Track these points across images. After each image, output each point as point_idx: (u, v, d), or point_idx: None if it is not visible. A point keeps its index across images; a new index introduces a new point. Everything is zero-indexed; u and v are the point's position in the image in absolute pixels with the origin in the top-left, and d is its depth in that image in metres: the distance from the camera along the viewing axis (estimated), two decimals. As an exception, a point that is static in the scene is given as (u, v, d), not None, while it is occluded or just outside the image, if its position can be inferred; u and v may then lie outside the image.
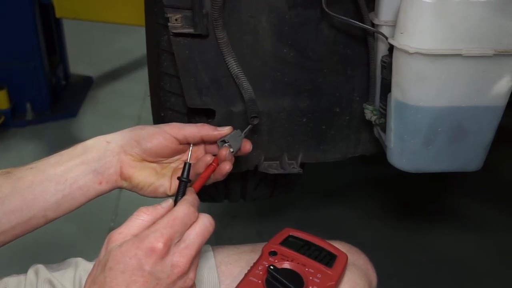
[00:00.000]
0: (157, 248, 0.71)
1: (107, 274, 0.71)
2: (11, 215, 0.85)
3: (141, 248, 0.71)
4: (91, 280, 0.73)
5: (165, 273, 0.72)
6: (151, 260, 0.71)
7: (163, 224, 0.73)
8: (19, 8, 2.58)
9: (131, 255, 0.71)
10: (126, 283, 0.70)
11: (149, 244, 0.71)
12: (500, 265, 1.89)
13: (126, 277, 0.70)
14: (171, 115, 1.24)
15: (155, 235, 0.72)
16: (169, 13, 1.03)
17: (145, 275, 0.70)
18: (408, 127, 1.01)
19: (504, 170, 2.31)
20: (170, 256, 0.72)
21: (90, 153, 0.90)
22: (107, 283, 0.70)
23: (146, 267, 0.70)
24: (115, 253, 0.71)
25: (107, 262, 0.71)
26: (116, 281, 0.70)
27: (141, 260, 0.70)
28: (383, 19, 1.02)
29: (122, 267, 0.70)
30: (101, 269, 0.72)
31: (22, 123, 2.76)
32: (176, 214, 0.75)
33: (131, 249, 0.71)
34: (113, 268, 0.70)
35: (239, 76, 1.06)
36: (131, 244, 0.71)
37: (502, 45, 0.93)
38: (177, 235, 0.73)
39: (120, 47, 3.56)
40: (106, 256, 0.72)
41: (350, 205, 2.18)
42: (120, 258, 0.71)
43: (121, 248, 0.71)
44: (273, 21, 1.07)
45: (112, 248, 0.72)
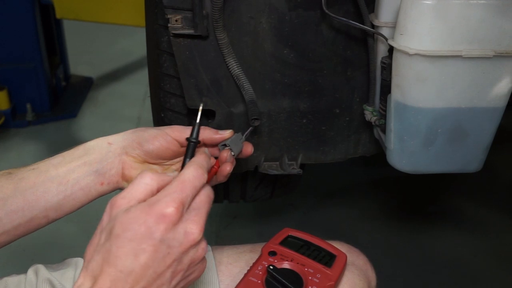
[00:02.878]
0: (168, 214, 0.66)
1: (113, 242, 0.66)
2: (13, 215, 0.86)
3: (151, 214, 0.66)
4: (93, 249, 0.68)
5: (177, 241, 0.67)
6: (162, 226, 0.66)
7: (173, 188, 0.69)
8: (19, 8, 2.58)
9: (140, 222, 0.66)
10: (134, 252, 0.65)
11: (160, 209, 0.66)
12: (500, 266, 1.89)
13: (135, 245, 0.65)
14: (171, 116, 1.24)
15: (166, 200, 0.67)
16: (170, 14, 1.03)
17: (155, 244, 0.66)
18: (408, 128, 1.02)
19: (504, 171, 2.31)
20: (183, 223, 0.68)
21: (92, 154, 0.90)
22: (112, 252, 0.66)
23: (156, 235, 0.66)
24: (121, 219, 0.67)
25: (113, 229, 0.66)
26: (123, 250, 0.65)
27: (151, 227, 0.66)
28: (383, 20, 1.03)
29: (130, 234, 0.65)
30: (105, 236, 0.67)
31: (22, 123, 2.76)
32: (185, 176, 0.71)
33: (140, 215, 0.66)
34: (120, 236, 0.66)
35: (239, 77, 1.06)
36: (140, 209, 0.67)
37: (502, 46, 0.93)
38: (188, 200, 0.69)
39: (120, 48, 3.56)
40: (111, 223, 0.67)
41: (349, 206, 2.18)
42: (128, 225, 0.66)
43: (129, 214, 0.67)
44: (273, 22, 1.07)
45: (118, 213, 0.67)
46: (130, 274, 0.66)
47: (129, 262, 0.65)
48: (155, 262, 0.67)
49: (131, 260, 0.65)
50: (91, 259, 0.67)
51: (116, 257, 0.65)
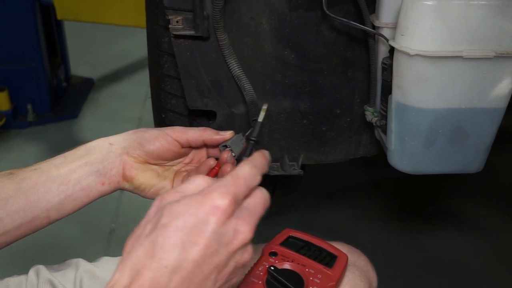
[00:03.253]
0: (222, 206, 0.62)
1: (160, 232, 0.60)
2: (14, 216, 0.86)
3: (204, 204, 0.61)
4: (135, 240, 0.62)
5: (227, 238, 0.62)
6: (214, 218, 0.61)
7: (227, 182, 0.64)
8: (20, 9, 2.59)
9: (192, 212, 0.61)
10: (182, 244, 0.60)
11: (213, 200, 0.62)
12: (500, 267, 1.89)
13: (184, 236, 0.60)
14: (172, 117, 1.24)
15: (219, 191, 0.62)
16: (170, 15, 1.04)
17: (206, 237, 0.60)
18: (408, 128, 1.02)
19: (504, 172, 2.31)
20: (234, 219, 0.63)
21: (93, 155, 0.91)
22: (158, 243, 0.60)
23: (208, 227, 0.61)
24: (171, 207, 0.62)
25: (161, 219, 0.61)
26: (170, 241, 0.60)
27: (203, 217, 0.61)
28: (384, 21, 1.03)
29: (180, 223, 0.60)
30: (151, 227, 0.61)
31: (23, 124, 2.76)
32: (239, 172, 0.66)
33: (191, 205, 0.61)
34: (168, 225, 0.60)
35: (240, 78, 1.07)
36: (192, 199, 0.62)
37: (502, 47, 0.93)
38: (241, 196, 0.64)
39: (121, 49, 3.56)
40: (158, 213, 0.62)
41: (350, 207, 2.18)
42: (178, 214, 0.61)
43: (180, 203, 0.62)
44: (273, 23, 1.07)
45: (167, 204, 0.63)
46: (175, 271, 0.60)
47: (176, 255, 0.60)
48: (204, 259, 0.61)
49: (178, 253, 0.60)
50: (131, 251, 0.61)
51: (162, 248, 0.60)
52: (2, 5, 2.56)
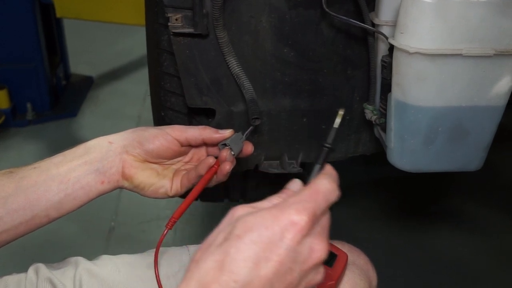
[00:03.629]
0: (300, 222, 0.58)
1: (233, 243, 0.57)
2: (14, 214, 0.86)
3: (280, 219, 0.58)
4: (205, 249, 0.59)
5: (302, 256, 0.59)
6: (291, 235, 0.58)
7: (305, 196, 0.62)
8: (19, 8, 2.58)
9: (268, 225, 0.58)
10: (256, 258, 0.57)
11: (291, 215, 0.59)
12: (500, 266, 1.89)
13: (258, 250, 0.57)
14: (172, 115, 1.24)
15: (297, 207, 0.59)
16: (170, 13, 1.03)
17: (280, 253, 0.57)
18: (408, 127, 1.02)
19: (504, 170, 2.31)
20: (311, 237, 0.60)
21: (92, 153, 0.91)
22: (230, 255, 0.57)
23: (284, 243, 0.57)
24: (246, 219, 0.59)
25: (234, 229, 0.58)
26: (244, 254, 0.57)
27: (279, 233, 0.58)
28: (384, 19, 1.02)
29: (254, 237, 0.57)
30: (223, 237, 0.59)
31: (22, 122, 2.76)
32: (319, 186, 0.63)
33: (267, 218, 0.59)
34: (242, 237, 0.58)
35: (240, 76, 1.06)
36: (268, 212, 0.59)
37: (502, 45, 0.93)
38: (319, 212, 0.61)
39: (121, 47, 3.56)
40: (232, 225, 0.59)
41: (350, 205, 2.18)
42: (253, 226, 0.58)
43: (255, 215, 0.59)
44: (273, 21, 1.07)
45: (242, 215, 0.60)
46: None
47: (248, 270, 0.56)
48: (276, 277, 0.58)
49: (250, 269, 0.56)
50: (200, 261, 0.59)
51: (234, 261, 0.57)
52: (1, 4, 2.56)
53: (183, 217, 0.92)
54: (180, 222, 2.06)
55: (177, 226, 2.05)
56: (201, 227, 2.08)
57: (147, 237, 2.05)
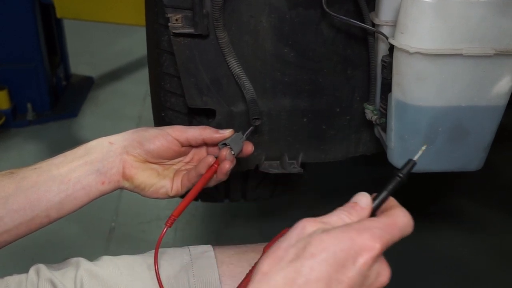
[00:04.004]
0: (373, 250, 0.59)
1: (306, 262, 0.57)
2: (14, 215, 0.86)
3: (356, 242, 0.59)
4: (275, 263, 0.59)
5: (369, 281, 0.60)
6: (363, 259, 0.59)
7: (382, 225, 0.62)
8: (20, 8, 2.58)
9: (343, 247, 0.58)
10: (328, 279, 0.57)
11: (366, 241, 0.59)
12: (500, 266, 1.89)
13: (331, 271, 0.57)
14: (172, 115, 1.24)
15: (373, 233, 0.60)
16: (170, 13, 1.03)
17: (351, 277, 0.58)
18: (408, 126, 1.02)
19: (505, 170, 2.31)
20: (379, 262, 0.61)
21: (93, 154, 0.91)
22: (303, 274, 0.57)
23: (355, 267, 0.58)
24: (322, 237, 0.59)
25: (308, 246, 0.58)
26: (316, 275, 0.57)
27: (353, 257, 0.58)
28: (384, 19, 1.02)
29: (329, 258, 0.57)
30: (295, 253, 0.58)
31: (22, 123, 2.76)
32: (398, 220, 0.65)
33: (343, 239, 0.59)
34: (316, 256, 0.58)
35: (240, 76, 1.06)
36: (343, 233, 0.59)
37: (502, 45, 0.93)
38: (391, 243, 0.62)
39: (121, 47, 3.56)
40: (305, 240, 0.59)
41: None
42: (328, 246, 0.58)
43: (330, 234, 0.59)
44: (273, 21, 1.07)
45: (315, 232, 0.60)
46: None
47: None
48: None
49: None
50: (269, 274, 0.58)
51: (307, 281, 0.57)
52: (2, 4, 2.56)
53: (183, 217, 0.92)
54: (181, 222, 2.07)
55: (178, 226, 2.06)
56: (202, 227, 2.08)
57: (147, 237, 2.05)
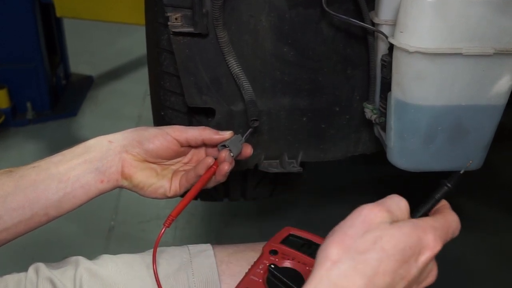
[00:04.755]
0: (434, 250, 0.63)
1: (376, 255, 0.60)
2: (13, 213, 0.86)
3: (421, 241, 0.63)
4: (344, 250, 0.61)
5: (422, 277, 0.65)
6: (424, 258, 0.63)
7: (441, 226, 0.66)
8: (19, 7, 2.59)
9: (411, 245, 0.62)
10: (394, 274, 0.60)
11: (431, 240, 0.63)
12: (500, 265, 1.89)
13: (397, 267, 0.61)
14: (171, 114, 1.24)
15: (436, 234, 0.64)
16: (169, 12, 1.03)
17: (412, 274, 0.62)
18: (408, 126, 1.02)
19: (504, 169, 2.31)
20: (432, 262, 0.65)
21: (92, 152, 0.91)
22: (372, 266, 0.60)
23: (417, 265, 0.62)
24: (392, 233, 0.62)
25: (379, 240, 0.61)
26: (385, 268, 0.60)
27: (417, 255, 0.62)
28: (383, 18, 1.02)
29: (398, 254, 0.61)
30: (364, 245, 0.62)
31: (22, 122, 2.76)
32: (451, 221, 0.68)
33: (412, 237, 0.62)
34: (386, 251, 0.61)
35: (239, 76, 1.07)
36: (411, 230, 0.63)
37: (502, 44, 0.93)
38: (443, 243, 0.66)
39: (121, 46, 3.56)
40: (374, 233, 0.62)
41: (350, 204, 2.15)
42: (399, 243, 0.61)
43: (401, 230, 0.62)
44: (273, 20, 1.07)
45: (383, 223, 0.63)
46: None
47: (385, 285, 0.60)
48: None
49: (387, 283, 0.60)
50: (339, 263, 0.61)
51: (375, 273, 0.60)
52: (1, 4, 2.56)
53: (183, 216, 0.92)
54: (181, 221, 2.08)
55: (178, 225, 2.06)
56: (201, 226, 2.08)
57: (147, 236, 2.05)
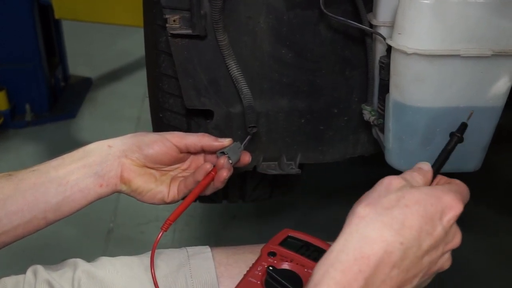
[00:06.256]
0: (457, 208, 0.66)
1: (401, 210, 0.64)
2: (12, 216, 0.86)
3: (442, 200, 0.66)
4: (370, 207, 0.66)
5: (448, 238, 0.67)
6: (448, 217, 0.66)
7: (454, 188, 0.70)
8: (18, 9, 2.58)
9: (433, 202, 0.65)
10: (419, 229, 0.63)
11: (451, 200, 0.66)
12: (500, 265, 1.89)
13: (422, 223, 0.64)
14: (170, 116, 1.24)
15: (455, 194, 0.67)
16: (167, 14, 1.03)
17: (438, 231, 0.65)
18: (406, 127, 1.02)
19: (503, 170, 2.31)
20: (455, 225, 0.68)
21: (91, 157, 0.91)
22: (398, 220, 0.63)
23: (442, 222, 0.65)
24: (413, 192, 0.66)
25: (401, 199, 0.65)
26: (410, 222, 0.63)
27: (440, 213, 0.65)
28: (381, 19, 1.02)
29: (421, 210, 0.64)
30: (388, 203, 0.65)
31: (21, 124, 2.76)
32: (462, 186, 0.73)
33: (432, 196, 0.66)
34: (410, 207, 0.64)
35: (239, 80, 1.07)
36: (431, 190, 0.67)
37: (500, 45, 0.93)
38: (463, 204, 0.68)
39: (119, 48, 3.56)
40: (397, 193, 0.66)
41: (349, 206, 2.14)
42: (420, 200, 0.65)
43: (420, 190, 0.66)
44: (271, 22, 1.07)
45: (404, 187, 0.67)
46: (406, 253, 0.63)
47: (412, 238, 0.63)
48: (428, 251, 0.65)
49: (413, 237, 0.63)
50: (367, 217, 0.65)
51: (402, 227, 0.63)
52: (0, 5, 2.56)
53: (182, 218, 0.92)
54: (179, 223, 2.07)
55: (176, 227, 2.06)
56: (200, 228, 2.08)
57: (145, 239, 2.05)
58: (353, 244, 0.63)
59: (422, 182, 0.71)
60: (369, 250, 0.62)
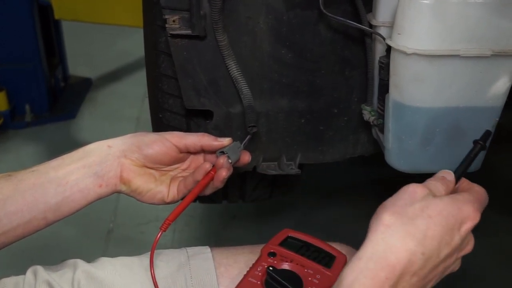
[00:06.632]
0: (475, 219, 0.71)
1: (424, 221, 0.68)
2: (12, 216, 0.86)
3: (462, 211, 0.70)
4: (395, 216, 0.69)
5: (463, 245, 0.72)
6: (466, 227, 0.70)
7: (474, 198, 0.73)
8: (18, 9, 2.58)
9: (454, 213, 0.69)
10: (440, 240, 0.68)
11: (470, 212, 0.70)
12: (500, 265, 1.89)
13: (443, 233, 0.68)
14: (169, 117, 1.24)
15: (473, 206, 0.71)
16: (167, 15, 1.03)
17: (455, 241, 0.69)
18: (406, 127, 1.02)
19: (502, 170, 2.31)
20: (470, 233, 0.72)
21: (91, 157, 0.91)
22: (421, 230, 0.67)
23: (460, 233, 0.70)
24: (436, 202, 0.69)
25: (425, 209, 0.69)
26: (432, 233, 0.67)
27: (459, 223, 0.69)
28: (381, 20, 1.02)
29: (443, 221, 0.68)
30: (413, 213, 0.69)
31: (21, 124, 2.76)
32: (481, 193, 0.76)
33: (454, 207, 0.70)
34: (432, 218, 0.68)
35: (239, 80, 1.07)
36: (454, 202, 0.70)
37: (499, 45, 0.93)
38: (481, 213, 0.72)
39: (119, 48, 3.56)
40: (421, 203, 0.69)
41: (349, 206, 2.17)
42: (442, 211, 0.69)
43: (443, 201, 0.70)
44: (271, 22, 1.07)
45: (427, 196, 0.70)
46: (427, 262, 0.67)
47: (432, 248, 0.67)
48: (445, 260, 0.70)
49: (434, 247, 0.67)
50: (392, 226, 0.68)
51: (424, 237, 0.67)
52: (0, 5, 2.56)
53: (182, 218, 0.92)
54: (179, 223, 2.07)
55: (176, 228, 2.06)
56: (200, 228, 2.08)
57: (145, 239, 2.05)
58: (380, 253, 0.67)
59: (445, 192, 0.74)
60: (394, 259, 0.66)
